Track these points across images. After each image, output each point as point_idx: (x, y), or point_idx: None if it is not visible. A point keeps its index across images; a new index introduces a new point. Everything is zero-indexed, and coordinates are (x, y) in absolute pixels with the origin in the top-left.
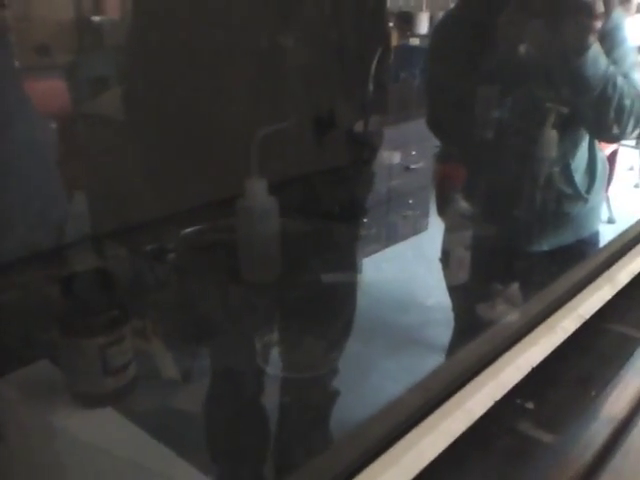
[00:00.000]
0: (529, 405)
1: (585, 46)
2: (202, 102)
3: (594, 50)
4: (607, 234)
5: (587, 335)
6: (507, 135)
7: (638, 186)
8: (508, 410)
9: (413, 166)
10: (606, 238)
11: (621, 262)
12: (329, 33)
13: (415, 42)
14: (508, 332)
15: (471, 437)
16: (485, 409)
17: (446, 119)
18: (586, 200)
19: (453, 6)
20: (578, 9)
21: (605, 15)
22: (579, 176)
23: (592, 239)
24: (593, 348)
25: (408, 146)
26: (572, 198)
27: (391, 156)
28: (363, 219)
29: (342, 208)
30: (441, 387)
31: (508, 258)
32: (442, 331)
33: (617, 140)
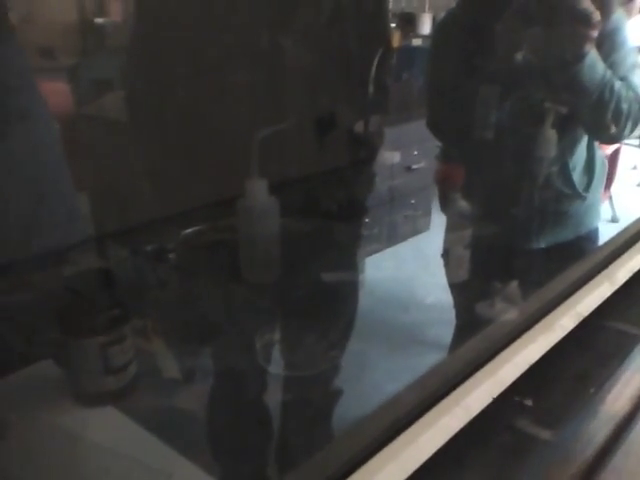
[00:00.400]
0: (528, 402)
1: (582, 54)
2: (204, 103)
3: (591, 57)
4: (611, 233)
5: (586, 333)
6: (506, 135)
7: None
8: (506, 407)
9: (415, 166)
10: (608, 237)
11: (620, 260)
12: (330, 33)
13: (417, 43)
14: (507, 330)
15: (469, 434)
16: (483, 406)
17: (445, 119)
18: (584, 198)
19: (453, 7)
20: (576, 18)
21: (605, 17)
22: (577, 175)
23: (591, 236)
24: (592, 346)
25: (410, 146)
26: (570, 196)
27: (392, 156)
28: (364, 219)
29: (343, 208)
30: (440, 384)
31: (507, 256)
32: (441, 329)
33: (615, 141)
